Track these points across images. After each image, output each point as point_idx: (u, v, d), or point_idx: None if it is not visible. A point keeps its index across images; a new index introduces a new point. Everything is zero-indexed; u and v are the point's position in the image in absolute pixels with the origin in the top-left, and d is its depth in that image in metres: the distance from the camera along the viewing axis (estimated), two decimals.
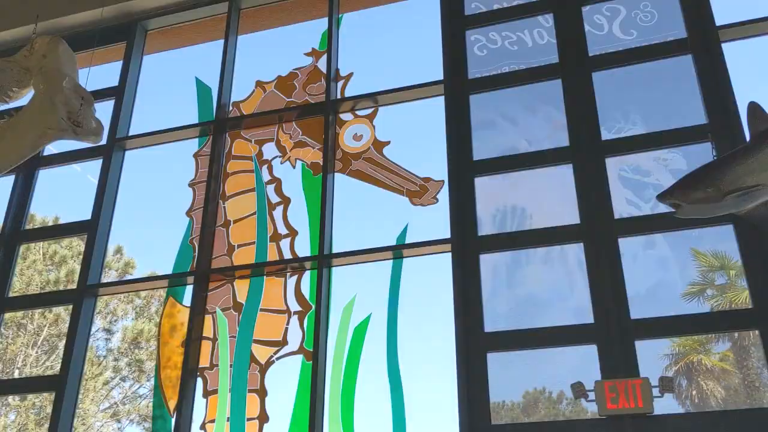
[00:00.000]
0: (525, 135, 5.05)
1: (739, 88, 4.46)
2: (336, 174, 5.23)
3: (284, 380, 4.70)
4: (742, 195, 3.24)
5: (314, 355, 4.59)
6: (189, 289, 5.18)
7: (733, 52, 4.67)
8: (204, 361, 4.91)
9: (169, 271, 5.32)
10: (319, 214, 5.00)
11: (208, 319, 5.02)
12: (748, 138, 3.56)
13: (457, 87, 5.15)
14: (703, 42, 4.66)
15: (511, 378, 4.40)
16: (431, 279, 4.89)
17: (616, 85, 4.96)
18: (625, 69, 4.94)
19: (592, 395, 3.87)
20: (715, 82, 4.49)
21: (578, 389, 3.89)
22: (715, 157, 3.61)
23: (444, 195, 4.85)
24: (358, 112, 5.44)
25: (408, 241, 4.85)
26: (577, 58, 4.97)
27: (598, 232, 4.38)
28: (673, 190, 3.33)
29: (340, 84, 5.59)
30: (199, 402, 4.80)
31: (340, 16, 5.90)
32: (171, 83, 6.40)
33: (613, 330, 4.08)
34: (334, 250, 4.94)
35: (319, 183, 5.15)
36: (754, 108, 3.42)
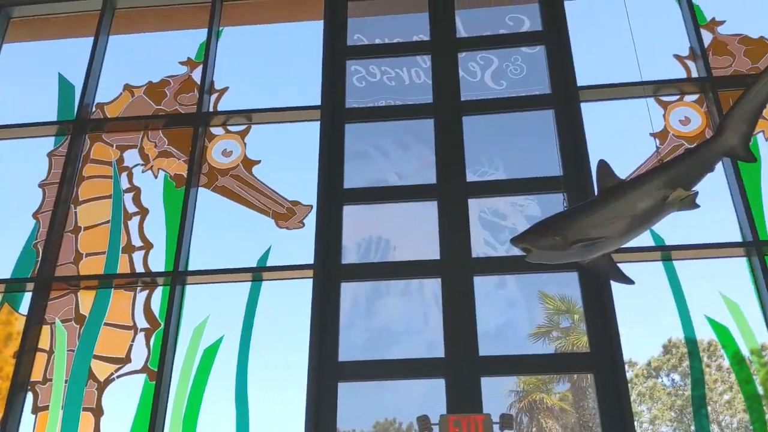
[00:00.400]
0: (395, 168, 5.14)
1: (593, 145, 4.78)
2: (200, 188, 5.08)
3: (123, 400, 4.43)
4: (587, 245, 3.43)
5: (158, 375, 4.37)
6: (28, 297, 4.79)
7: (591, 111, 5.02)
8: (37, 375, 4.54)
9: (7, 275, 4.91)
10: (177, 229, 4.82)
11: (46, 329, 4.67)
12: (596, 192, 3.80)
13: (334, 114, 5.17)
14: (565, 99, 4.98)
15: (362, 407, 4.39)
16: (291, 304, 4.82)
17: (483, 131, 5.17)
18: (493, 116, 5.17)
19: (436, 429, 3.93)
20: (572, 138, 4.79)
21: (423, 423, 3.94)
22: (565, 208, 3.80)
23: (311, 220, 4.82)
24: (230, 128, 5.33)
25: (270, 264, 4.77)
26: (450, 100, 5.15)
27: (456, 269, 4.51)
28: (525, 236, 3.47)
29: (213, 97, 5.46)
30: (27, 418, 4.44)
31: (221, 28, 5.79)
32: (31, 76, 5.96)
33: (462, 365, 4.19)
34: (190, 268, 4.77)
35: (181, 196, 4.97)
36: (603, 166, 3.65)
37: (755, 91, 3.46)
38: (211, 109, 5.39)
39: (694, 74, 5.06)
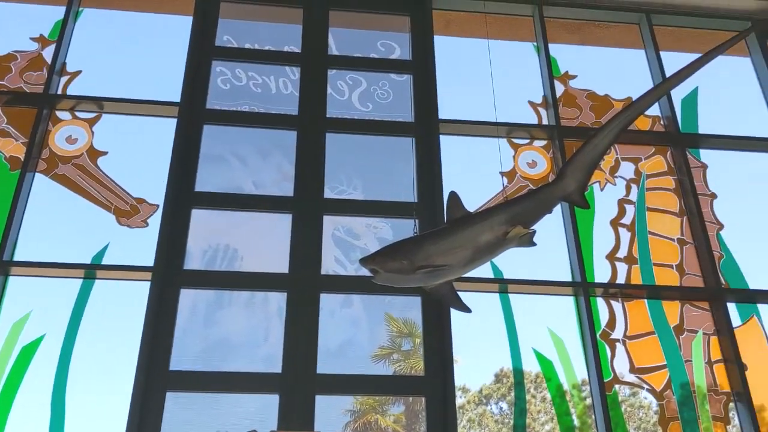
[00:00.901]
0: (252, 177, 5.04)
1: (448, 176, 4.95)
2: (37, 174, 4.71)
3: None
4: (431, 272, 3.52)
5: None
6: None
7: (449, 144, 5.20)
8: None
9: None
10: (6, 215, 4.43)
11: None
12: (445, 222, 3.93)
13: (193, 113, 5.01)
14: (426, 130, 5.13)
15: (189, 420, 4.22)
16: (125, 307, 4.56)
17: (345, 150, 5.21)
18: (356, 136, 5.22)
19: None
20: (429, 167, 4.94)
21: None
22: (415, 233, 3.90)
23: (156, 220, 4.60)
24: (78, 114, 5.00)
25: (106, 262, 4.49)
26: (315, 115, 5.15)
27: (304, 284, 4.48)
28: (374, 257, 3.50)
29: (64, 79, 5.11)
30: None
31: (80, 9, 5.45)
32: None
33: (298, 382, 4.15)
34: (17, 258, 4.39)
35: (15, 180, 4.58)
36: (453, 197, 3.78)
37: (594, 143, 3.73)
38: (59, 92, 5.04)
39: (545, 121, 5.39)
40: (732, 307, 4.78)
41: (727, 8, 5.96)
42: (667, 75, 5.23)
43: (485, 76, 4.78)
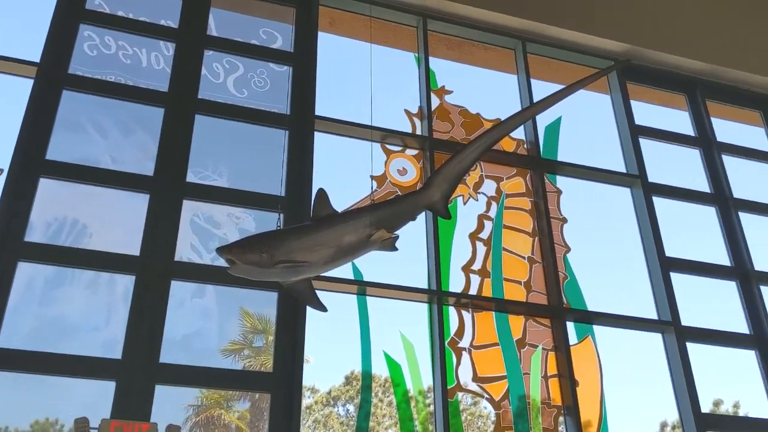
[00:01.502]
0: (111, 151, 4.77)
1: (319, 174, 4.93)
2: None
3: None
4: (291, 267, 3.47)
5: None
6: None
7: (323, 141, 5.18)
8: None
9: None
10: None
11: None
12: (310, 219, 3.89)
13: (52, 76, 4.66)
14: (301, 124, 5.07)
15: (20, 402, 3.92)
16: None
17: (215, 134, 5.04)
18: (228, 122, 5.07)
19: None
20: (300, 163, 4.88)
21: (81, 425, 3.61)
22: (278, 227, 3.84)
23: None
24: None
25: None
26: (186, 95, 4.95)
27: (155, 269, 4.28)
28: (232, 247, 3.41)
29: None
30: None
31: None
32: None
33: (138, 370, 3.95)
34: None
35: None
36: (321, 195, 3.76)
37: (462, 157, 3.84)
38: None
39: (419, 131, 5.50)
40: (570, 326, 5.08)
41: (596, 47, 6.35)
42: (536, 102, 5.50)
43: (365, 79, 4.80)
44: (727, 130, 6.70)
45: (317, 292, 3.87)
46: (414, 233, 5.02)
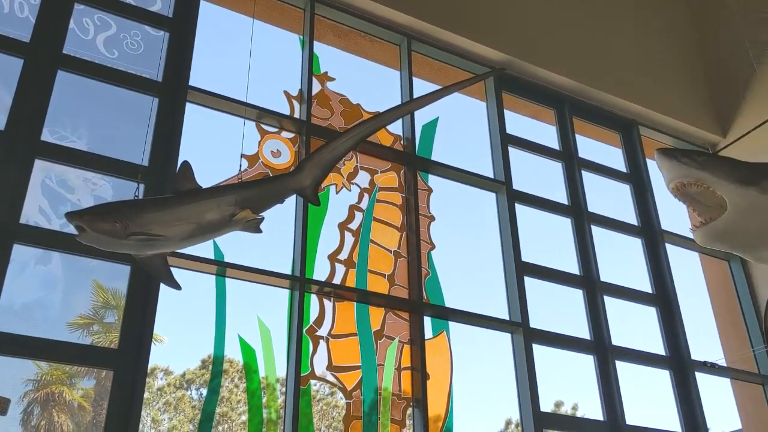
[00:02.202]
0: None
1: (186, 146, 4.74)
2: None
3: None
4: (145, 240, 3.32)
5: None
6: None
7: (195, 113, 4.99)
8: None
9: None
10: None
11: None
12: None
13: None
14: (173, 93, 4.85)
15: None
16: None
17: (77, 94, 4.73)
18: (93, 83, 4.77)
19: None
20: (167, 133, 4.67)
21: None
22: (136, 197, 3.66)
23: None
24: None
25: None
26: (50, 48, 4.61)
27: None
28: (83, 214, 3.21)
29: None
30: None
31: None
32: None
33: None
34: None
35: None
36: (185, 168, 3.61)
37: (336, 145, 3.83)
38: None
39: (297, 115, 5.42)
40: (428, 321, 5.20)
41: (478, 53, 6.53)
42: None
43: (245, 54, 4.68)
44: (589, 147, 7.11)
45: (173, 269, 3.73)
46: (282, 217, 4.95)
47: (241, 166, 4.16)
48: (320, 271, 4.97)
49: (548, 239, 6.69)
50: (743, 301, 6.92)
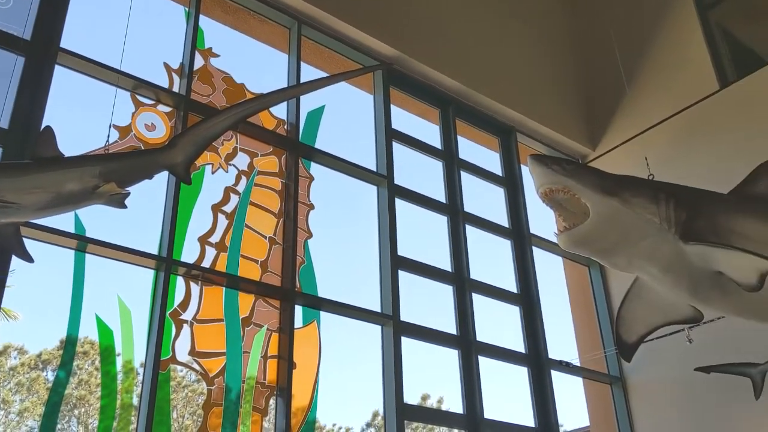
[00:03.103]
0: None
1: (53, 111, 4.43)
2: None
3: None
4: None
5: None
6: None
7: (65, 77, 4.68)
8: None
9: None
10: None
11: None
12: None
13: None
14: (41, 54, 4.52)
15: None
16: None
17: None
18: None
19: None
20: (32, 94, 4.35)
21: None
22: None
23: None
24: None
25: None
26: None
27: None
28: None
29: None
30: None
31: None
32: None
33: None
34: None
35: None
36: (47, 133, 3.40)
37: (213, 122, 3.70)
38: None
39: (176, 89, 5.20)
40: (299, 310, 5.15)
41: (369, 46, 6.52)
42: None
43: (125, 20, 4.44)
44: (469, 148, 7.31)
45: (29, 240, 3.49)
46: (151, 194, 4.74)
47: (109, 136, 3.93)
48: (189, 253, 4.80)
49: (424, 235, 6.82)
50: (599, 305, 7.36)
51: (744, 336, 5.79)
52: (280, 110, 5.80)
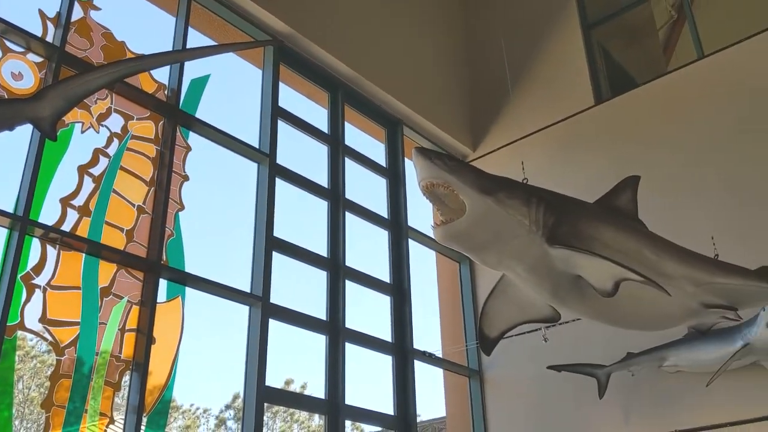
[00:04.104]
0: None
1: None
2: None
3: None
4: None
5: None
6: None
7: None
8: None
9: None
10: None
11: None
12: None
13: None
14: None
15: None
16: None
17: None
18: None
19: None
20: None
21: None
22: None
23: None
24: None
25: None
26: None
27: None
28: None
29: None
30: None
31: None
32: None
33: None
34: None
35: None
36: None
37: (88, 79, 3.45)
38: None
39: (50, 39, 4.83)
40: (163, 284, 4.94)
41: (262, 20, 6.34)
42: None
43: None
44: (355, 135, 7.30)
45: None
46: (11, 146, 4.38)
47: None
48: (48, 214, 4.48)
49: (302, 219, 6.75)
50: (465, 300, 7.60)
51: (596, 339, 6.17)
52: (162, 74, 5.54)
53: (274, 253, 5.71)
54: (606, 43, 8.38)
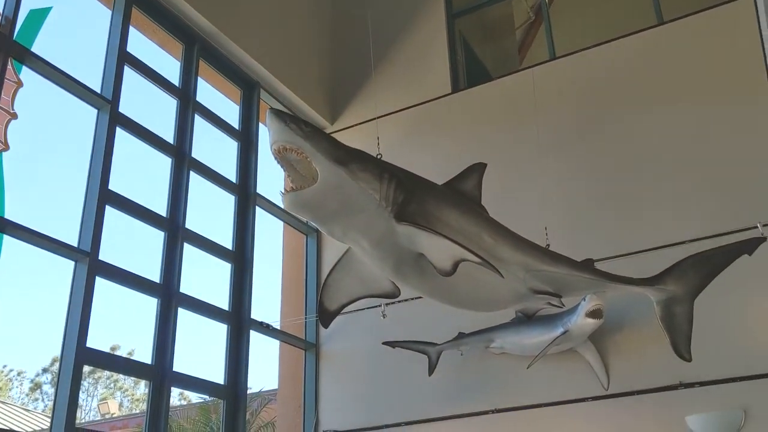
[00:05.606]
0: None
1: None
2: None
3: None
4: None
5: None
6: None
7: None
8: None
9: None
10: None
11: None
12: None
13: None
14: None
15: None
16: None
17: None
18: None
19: None
20: None
21: None
22: None
23: None
24: None
25: None
26: None
27: None
28: None
29: None
30: None
31: None
32: None
33: None
34: None
35: None
36: None
37: None
38: None
39: None
40: None
41: None
42: None
43: None
44: (209, 94, 6.98)
45: None
46: None
47: None
48: None
49: (143, 175, 6.35)
50: (309, 273, 7.55)
51: (431, 318, 6.34)
52: None
53: (107, 207, 5.32)
54: (467, 34, 8.59)
